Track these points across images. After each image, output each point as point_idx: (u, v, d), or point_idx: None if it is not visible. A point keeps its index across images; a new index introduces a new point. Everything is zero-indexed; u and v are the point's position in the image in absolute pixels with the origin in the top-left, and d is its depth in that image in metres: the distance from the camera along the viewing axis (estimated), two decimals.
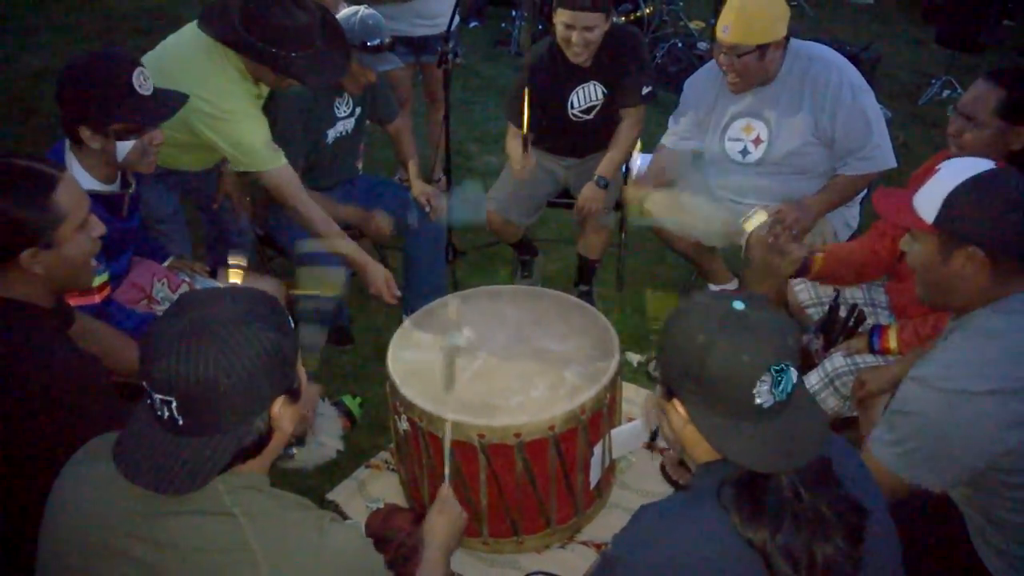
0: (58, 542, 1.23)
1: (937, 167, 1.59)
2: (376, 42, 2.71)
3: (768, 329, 1.18)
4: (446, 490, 1.82)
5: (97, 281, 2.06)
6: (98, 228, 1.69)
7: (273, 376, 1.16)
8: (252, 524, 1.14)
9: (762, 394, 1.16)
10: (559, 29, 2.92)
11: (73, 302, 1.99)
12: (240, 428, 1.15)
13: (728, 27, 2.59)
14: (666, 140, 3.07)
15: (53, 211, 1.55)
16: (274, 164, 2.55)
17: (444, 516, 1.75)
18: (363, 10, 2.78)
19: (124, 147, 2.05)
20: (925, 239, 1.58)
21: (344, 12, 2.80)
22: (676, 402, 1.25)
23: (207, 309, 1.14)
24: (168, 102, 2.12)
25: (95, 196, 2.09)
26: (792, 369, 1.18)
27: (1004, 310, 1.52)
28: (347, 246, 2.63)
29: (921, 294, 1.65)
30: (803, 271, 2.42)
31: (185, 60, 2.44)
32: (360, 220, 2.96)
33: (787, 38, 2.67)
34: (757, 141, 2.82)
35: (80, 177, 2.06)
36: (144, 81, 2.05)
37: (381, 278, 2.60)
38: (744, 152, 2.85)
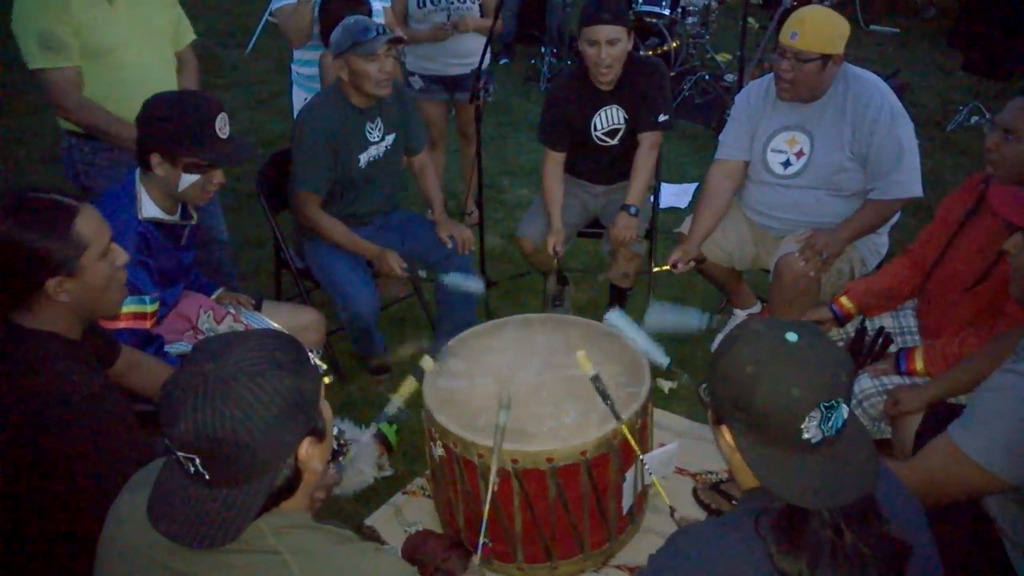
0: (111, 568, 1.27)
1: None
2: (366, 38, 2.77)
3: (820, 363, 1.16)
4: (476, 560, 1.79)
5: (149, 308, 2.16)
6: (121, 256, 1.73)
7: (295, 422, 1.16)
8: (298, 561, 1.16)
9: (810, 429, 1.15)
10: (585, 50, 3.01)
11: (124, 325, 2.07)
12: (268, 475, 1.16)
13: (797, 33, 2.66)
14: (719, 154, 3.11)
15: (75, 240, 1.60)
16: (41, 64, 2.53)
17: None
18: (346, 19, 2.85)
19: (188, 180, 2.17)
20: None
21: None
22: (724, 429, 1.25)
23: (219, 361, 1.13)
24: (242, 150, 2.24)
25: (157, 224, 2.21)
26: (844, 405, 1.16)
27: None
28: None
29: (1018, 296, 1.66)
30: (840, 319, 2.49)
31: None
32: (374, 258, 3.00)
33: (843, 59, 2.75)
34: (799, 154, 2.87)
35: (146, 205, 2.19)
36: (224, 126, 2.17)
37: None
38: (786, 164, 2.90)
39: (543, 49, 6.44)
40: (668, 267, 2.98)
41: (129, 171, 2.23)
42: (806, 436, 1.15)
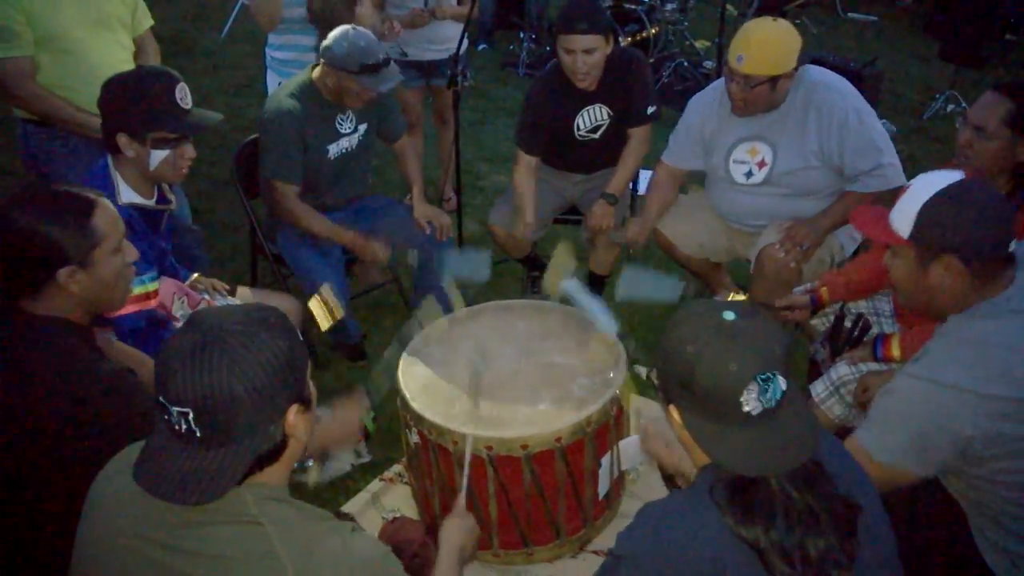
0: (91, 549, 1.27)
1: (909, 183, 1.68)
2: (373, 61, 2.76)
3: (756, 338, 1.23)
4: (461, 501, 1.86)
5: (151, 287, 2.18)
6: (131, 254, 1.77)
7: (285, 384, 1.20)
8: (278, 533, 1.18)
9: (750, 401, 1.21)
10: (562, 56, 2.98)
11: (133, 308, 2.09)
12: (256, 436, 1.19)
13: (743, 57, 2.62)
14: (666, 158, 3.12)
15: (91, 233, 1.64)
16: None
17: (460, 525, 1.79)
18: (352, 32, 2.80)
19: (157, 157, 2.16)
20: (903, 253, 1.66)
21: (334, 34, 2.81)
22: (672, 408, 1.31)
23: (218, 322, 1.19)
24: (205, 118, 2.23)
25: (137, 209, 2.20)
26: (779, 377, 1.22)
27: (981, 315, 1.60)
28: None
29: (904, 303, 1.74)
30: (816, 308, 2.51)
31: None
32: (358, 247, 2.99)
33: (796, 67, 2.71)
34: (761, 164, 2.86)
35: (123, 190, 2.18)
36: (184, 96, 2.16)
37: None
38: (748, 174, 2.90)
39: (522, 35, 6.41)
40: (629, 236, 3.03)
41: (92, 155, 2.21)
42: (746, 409, 1.22)
